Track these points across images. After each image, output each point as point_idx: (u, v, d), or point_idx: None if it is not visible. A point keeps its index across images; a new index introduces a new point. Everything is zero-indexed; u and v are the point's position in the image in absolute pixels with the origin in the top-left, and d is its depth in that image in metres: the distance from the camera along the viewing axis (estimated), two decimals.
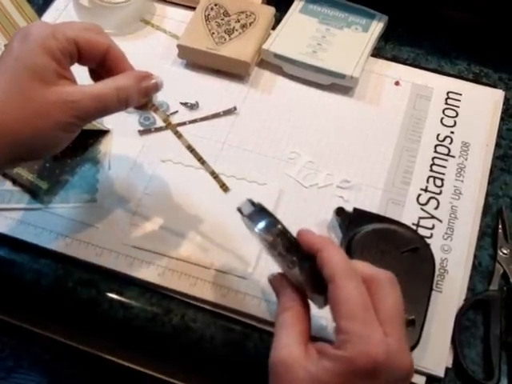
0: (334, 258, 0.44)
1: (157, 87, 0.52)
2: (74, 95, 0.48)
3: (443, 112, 0.69)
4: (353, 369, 0.41)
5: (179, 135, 0.55)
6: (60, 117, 0.47)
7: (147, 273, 0.57)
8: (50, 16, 0.76)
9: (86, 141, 0.65)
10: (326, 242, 0.45)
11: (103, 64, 0.51)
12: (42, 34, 0.48)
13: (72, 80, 0.50)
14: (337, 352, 0.41)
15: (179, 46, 0.71)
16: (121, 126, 0.67)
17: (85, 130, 0.64)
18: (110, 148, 0.66)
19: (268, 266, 0.58)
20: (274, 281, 0.49)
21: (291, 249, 0.45)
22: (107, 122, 0.67)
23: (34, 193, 0.62)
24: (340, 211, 0.60)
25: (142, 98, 0.52)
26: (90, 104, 0.48)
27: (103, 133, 0.66)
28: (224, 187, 0.55)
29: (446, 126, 0.68)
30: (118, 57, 0.51)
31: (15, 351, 0.64)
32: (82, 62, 0.51)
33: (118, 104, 0.50)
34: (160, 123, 0.67)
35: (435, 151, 0.66)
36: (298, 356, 0.43)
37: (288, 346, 0.43)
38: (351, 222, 0.58)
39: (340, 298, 0.42)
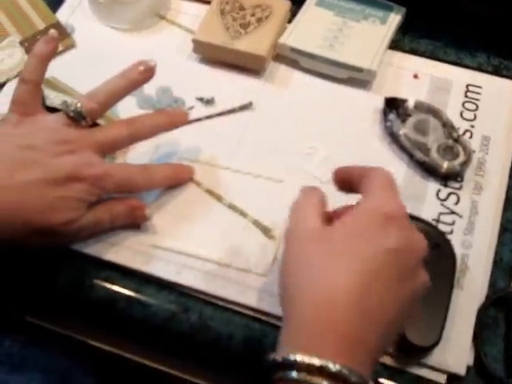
0: None
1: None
2: None
3: (463, 105, 0.68)
4: (370, 214, 0.43)
5: None
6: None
7: (164, 271, 0.57)
8: (64, 12, 0.76)
9: None
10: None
11: None
12: None
13: None
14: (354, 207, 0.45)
15: (194, 41, 0.71)
16: None
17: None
18: None
19: None
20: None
21: None
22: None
23: None
24: None
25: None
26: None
27: None
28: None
29: (465, 119, 0.67)
30: None
31: (25, 349, 0.64)
32: None
33: None
34: None
35: None
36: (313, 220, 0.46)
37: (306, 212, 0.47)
38: None
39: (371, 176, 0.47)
